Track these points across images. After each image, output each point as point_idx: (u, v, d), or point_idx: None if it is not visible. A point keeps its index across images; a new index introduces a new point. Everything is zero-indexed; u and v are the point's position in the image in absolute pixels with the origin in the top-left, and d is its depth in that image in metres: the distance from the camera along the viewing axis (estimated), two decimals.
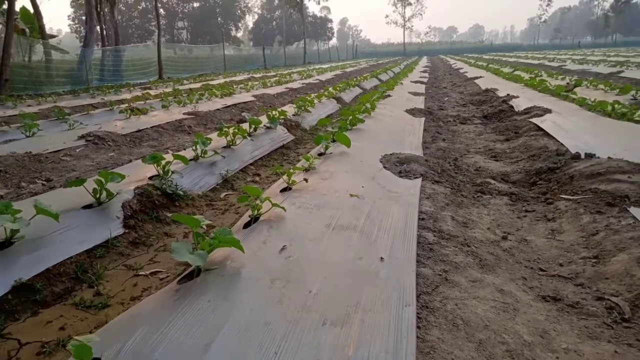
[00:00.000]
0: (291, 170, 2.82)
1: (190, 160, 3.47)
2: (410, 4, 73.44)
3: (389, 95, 8.52)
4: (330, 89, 9.51)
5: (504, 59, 31.73)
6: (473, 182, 3.37)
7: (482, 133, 5.43)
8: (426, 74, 17.31)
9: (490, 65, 19.54)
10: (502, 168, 3.78)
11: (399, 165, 3.49)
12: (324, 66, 28.51)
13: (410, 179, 3.16)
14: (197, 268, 1.66)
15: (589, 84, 8.32)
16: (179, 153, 3.36)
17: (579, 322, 1.59)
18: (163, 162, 3.07)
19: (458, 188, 3.16)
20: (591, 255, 2.06)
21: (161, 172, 3.06)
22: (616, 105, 5.02)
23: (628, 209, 2.39)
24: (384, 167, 3.38)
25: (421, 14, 74.57)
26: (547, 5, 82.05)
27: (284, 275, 1.65)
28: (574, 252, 2.15)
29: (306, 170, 3.16)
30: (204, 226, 1.86)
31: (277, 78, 15.44)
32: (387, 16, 75.62)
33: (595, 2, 79.84)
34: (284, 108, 6.78)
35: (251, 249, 1.84)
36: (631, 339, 1.48)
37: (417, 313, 1.50)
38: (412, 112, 6.62)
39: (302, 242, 1.96)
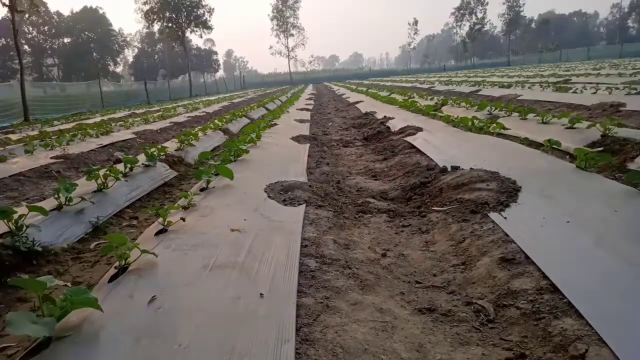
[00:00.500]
0: (166, 210, 2.65)
1: (52, 210, 3.10)
2: (292, 35, 76.07)
3: (275, 124, 8.60)
4: (217, 120, 9.35)
5: (382, 83, 34.12)
6: (355, 203, 3.47)
7: (362, 154, 5.69)
8: (311, 101, 17.90)
9: (370, 90, 20.85)
10: (381, 186, 3.96)
11: (283, 193, 3.47)
12: (211, 98, 28.14)
13: (295, 206, 3.15)
14: (46, 338, 1.43)
15: (453, 102, 9.22)
16: (37, 204, 2.98)
17: (452, 330, 1.66)
18: (15, 217, 2.69)
19: (340, 210, 3.23)
20: (460, 262, 2.21)
21: (13, 228, 2.68)
22: (475, 121, 5.60)
23: (488, 214, 2.61)
24: (269, 197, 3.34)
25: (303, 44, 77.41)
26: (414, 34, 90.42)
27: (151, 331, 1.49)
28: (446, 261, 2.28)
29: (185, 208, 2.99)
30: (59, 285, 1.64)
31: (160, 113, 14.81)
32: (271, 47, 77.25)
33: (454, 30, 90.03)
34: (166, 144, 6.47)
35: (114, 305, 1.66)
36: (495, 338, 1.57)
37: (296, 348, 1.45)
38: (298, 139, 6.73)
39: (175, 290, 1.82)
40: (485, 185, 3.08)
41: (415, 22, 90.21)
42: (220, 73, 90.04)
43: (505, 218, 2.50)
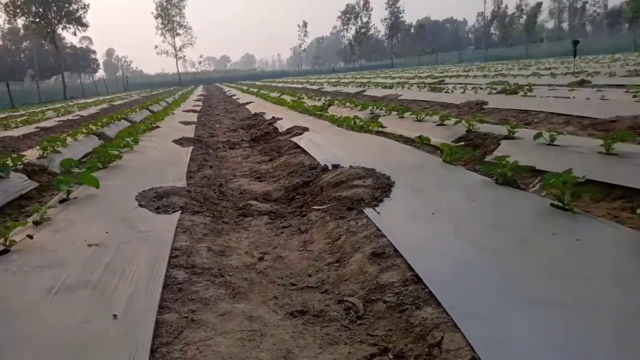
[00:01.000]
0: (9, 228, 2.29)
1: None
2: (179, 34, 72.95)
3: (157, 127, 8.11)
4: (91, 124, 8.56)
5: (274, 84, 34.19)
6: (236, 206, 3.35)
7: (249, 156, 5.57)
8: (200, 103, 17.29)
9: (261, 91, 20.74)
10: (265, 188, 3.88)
11: (157, 200, 3.23)
12: (88, 100, 25.86)
13: (169, 213, 2.94)
14: None
15: (339, 103, 9.50)
16: None
17: (322, 331, 1.63)
18: None
19: (220, 215, 3.09)
20: (334, 260, 2.21)
21: None
22: (357, 120, 5.79)
23: (363, 210, 2.67)
24: (140, 205, 3.08)
25: (192, 44, 74.66)
26: (304, 36, 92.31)
27: None
28: (322, 259, 2.27)
29: (37, 223, 2.63)
30: None
31: (26, 117, 13.21)
32: (156, 47, 73.20)
33: (342, 33, 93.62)
34: (27, 151, 5.74)
35: None
36: (363, 334, 1.58)
37: None
38: (181, 142, 6.39)
39: (10, 319, 1.55)
40: (362, 182, 3.16)
41: (305, 25, 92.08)
42: (100, 73, 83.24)
43: (378, 213, 2.56)
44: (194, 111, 12.77)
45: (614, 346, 1.24)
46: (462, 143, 4.57)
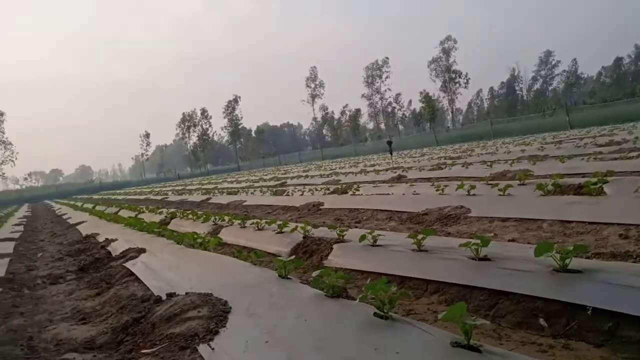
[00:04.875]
0: None
1: None
2: None
3: None
4: None
5: (114, 197, 31.98)
6: None
7: (74, 291, 4.91)
8: (21, 227, 15.12)
9: (97, 207, 19.14)
10: (88, 332, 3.40)
11: None
12: None
13: None
14: None
15: (181, 215, 9.21)
16: None
17: None
18: None
19: None
20: None
21: None
22: (195, 236, 5.63)
23: (197, 347, 2.49)
24: None
25: (12, 161, 66.85)
26: (147, 145, 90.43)
27: None
28: None
29: None
30: None
31: None
32: None
33: (185, 140, 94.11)
34: None
35: None
36: None
37: None
38: None
39: None
40: (197, 313, 2.98)
41: (147, 135, 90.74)
42: None
43: (212, 349, 2.41)
44: (10, 239, 11.03)
45: None
46: (300, 250, 4.74)
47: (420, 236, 3.73)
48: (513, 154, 14.14)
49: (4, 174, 70.51)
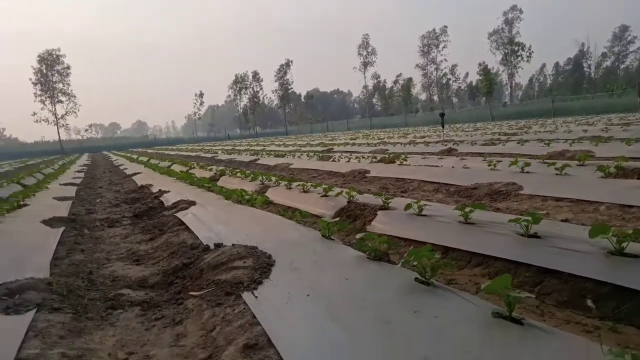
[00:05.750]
0: None
1: None
2: (61, 101, 68.57)
3: (25, 205, 7.30)
4: None
5: (167, 152, 33.26)
6: (106, 297, 3.06)
7: (129, 235, 5.22)
8: (82, 174, 16.11)
9: (151, 161, 19.99)
10: (141, 272, 3.63)
11: (8, 298, 2.83)
12: None
13: (21, 313, 2.59)
14: None
15: (230, 173, 9.47)
16: None
17: None
18: None
19: (84, 310, 2.79)
20: (206, 356, 2.09)
21: None
22: (244, 193, 5.79)
23: (242, 295, 2.61)
24: None
25: (75, 112, 70.42)
26: (200, 105, 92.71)
27: None
28: (193, 356, 2.13)
29: None
30: None
31: None
32: (34, 114, 67.56)
33: (236, 102, 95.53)
34: None
35: None
36: None
37: None
38: (51, 222, 5.80)
39: None
40: (243, 263, 3.11)
41: (201, 95, 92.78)
42: None
43: (256, 297, 2.52)
44: (72, 184, 11.80)
45: None
46: (344, 214, 4.78)
47: (467, 209, 3.66)
48: (574, 134, 13.39)
49: (67, 124, 74.59)
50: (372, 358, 1.74)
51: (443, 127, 17.36)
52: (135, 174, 13.67)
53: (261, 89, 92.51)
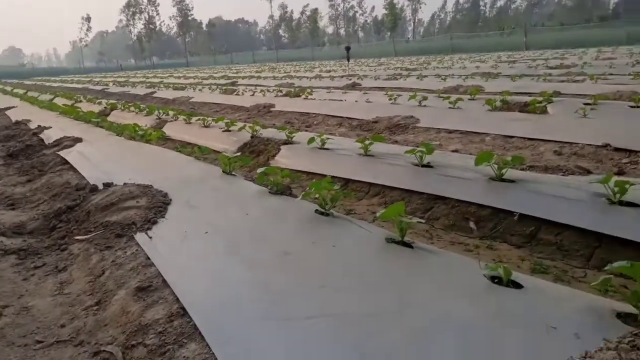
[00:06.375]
0: None
1: None
2: None
3: None
4: None
5: (48, 84, 29.59)
6: None
7: (1, 177, 4.63)
8: None
9: (30, 93, 17.70)
10: (17, 217, 3.25)
11: None
12: None
13: None
14: None
15: (122, 107, 8.70)
16: None
17: None
18: None
19: None
20: (95, 302, 1.95)
21: None
22: (137, 128, 5.36)
23: (134, 236, 2.44)
24: None
25: None
26: (87, 30, 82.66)
27: None
28: (80, 303, 1.98)
29: None
30: None
31: None
32: None
33: (129, 28, 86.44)
34: None
35: None
36: None
37: None
38: None
39: None
40: (136, 203, 2.90)
41: (88, 19, 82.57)
42: None
43: (150, 238, 2.38)
44: None
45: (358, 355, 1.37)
46: (248, 149, 4.66)
47: (367, 141, 3.73)
48: (468, 70, 14.20)
49: None
50: (270, 290, 1.74)
51: (348, 61, 17.44)
52: (8, 108, 12.02)
53: (158, 14, 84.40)
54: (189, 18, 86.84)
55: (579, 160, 3.75)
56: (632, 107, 5.08)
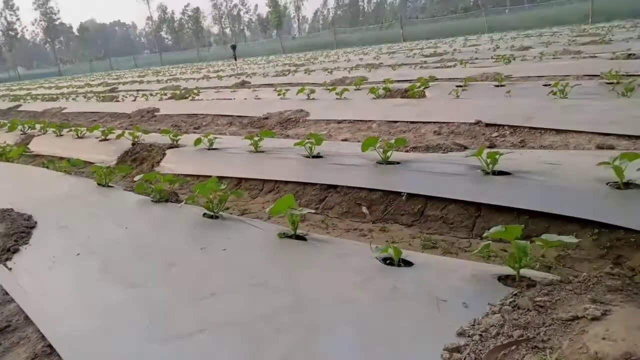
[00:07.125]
0: None
1: None
2: None
3: None
4: None
5: None
6: None
7: None
8: None
9: None
10: None
11: None
12: None
13: None
14: None
15: None
16: None
17: None
18: None
19: None
20: None
21: None
22: None
23: None
24: None
25: None
26: None
27: None
28: None
29: None
30: None
31: None
32: None
33: None
34: None
35: None
36: None
37: None
38: None
39: None
40: None
41: None
42: None
43: (10, 269, 2.05)
44: None
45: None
46: (129, 158, 4.30)
47: (256, 137, 3.63)
48: (352, 62, 14.70)
49: None
50: (154, 308, 1.57)
51: (235, 59, 17.10)
52: None
53: (18, 18, 75.61)
54: (56, 22, 79.02)
55: (456, 137, 4.02)
56: (496, 86, 5.59)
